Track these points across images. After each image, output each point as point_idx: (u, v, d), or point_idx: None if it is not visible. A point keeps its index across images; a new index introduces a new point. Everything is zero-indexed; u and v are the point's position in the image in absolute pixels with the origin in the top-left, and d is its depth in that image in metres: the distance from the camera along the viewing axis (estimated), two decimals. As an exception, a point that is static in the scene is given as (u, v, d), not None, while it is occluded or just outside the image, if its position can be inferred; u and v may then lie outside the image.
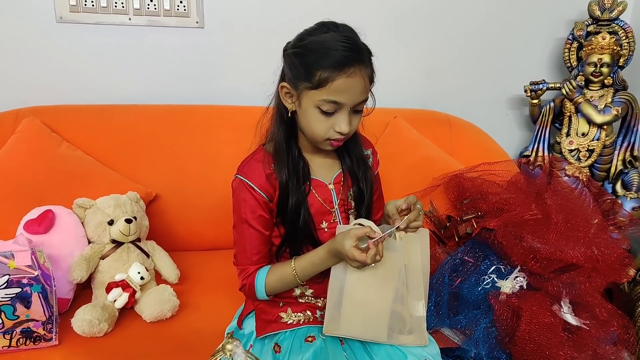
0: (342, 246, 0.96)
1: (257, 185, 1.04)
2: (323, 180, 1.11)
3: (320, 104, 0.97)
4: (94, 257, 1.36)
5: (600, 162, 2.03)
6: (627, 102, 1.98)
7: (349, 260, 0.97)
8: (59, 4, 1.71)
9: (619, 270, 1.34)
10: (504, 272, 1.31)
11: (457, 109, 2.05)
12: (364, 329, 1.05)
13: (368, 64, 0.99)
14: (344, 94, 0.96)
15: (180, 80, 1.88)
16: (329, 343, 1.06)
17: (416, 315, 1.05)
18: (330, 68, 0.94)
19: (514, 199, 1.40)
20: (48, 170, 1.49)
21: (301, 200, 1.06)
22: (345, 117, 0.98)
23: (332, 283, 1.04)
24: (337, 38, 0.96)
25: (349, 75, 0.95)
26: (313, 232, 1.09)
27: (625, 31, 1.97)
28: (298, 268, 1.05)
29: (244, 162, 1.10)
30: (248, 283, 1.08)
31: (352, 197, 1.13)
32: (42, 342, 1.18)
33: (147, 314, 1.28)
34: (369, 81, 1.00)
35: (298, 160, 1.07)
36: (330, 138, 1.02)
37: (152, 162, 1.65)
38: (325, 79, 0.95)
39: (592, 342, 1.20)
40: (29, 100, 1.71)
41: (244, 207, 1.05)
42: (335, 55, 0.94)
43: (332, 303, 1.03)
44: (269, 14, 1.89)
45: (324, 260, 1.03)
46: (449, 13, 2.05)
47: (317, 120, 1.00)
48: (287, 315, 1.11)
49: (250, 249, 1.07)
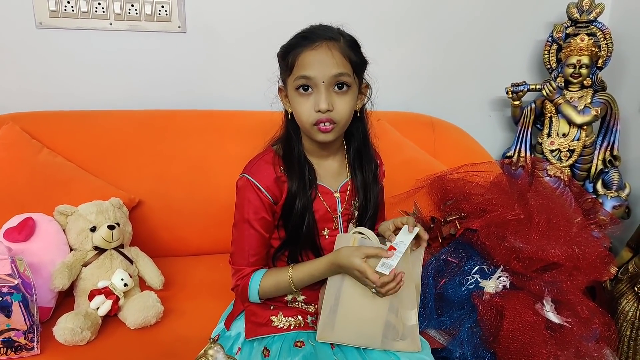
0: (350, 262, 0.96)
1: (264, 186, 1.04)
2: (330, 187, 1.10)
3: (295, 84, 1.00)
4: (76, 264, 1.34)
5: (580, 162, 2.06)
6: (606, 103, 2.01)
7: (357, 274, 0.97)
8: (39, 10, 1.70)
9: (600, 269, 1.36)
10: (488, 272, 1.33)
11: (440, 111, 2.07)
12: (358, 337, 1.05)
13: (339, 40, 1.00)
14: (311, 67, 0.98)
15: (163, 85, 1.87)
16: (318, 348, 1.06)
17: (409, 324, 1.05)
18: (298, 47, 0.99)
19: (497, 200, 1.41)
20: (28, 177, 1.47)
21: (307, 205, 1.06)
22: (321, 94, 0.98)
23: (328, 290, 1.04)
24: (309, 26, 1.03)
25: (314, 48, 0.98)
26: (315, 238, 1.08)
27: (604, 33, 2.00)
28: (295, 276, 1.05)
29: (252, 162, 1.09)
30: (242, 284, 1.07)
31: (355, 208, 1.13)
32: (24, 351, 1.16)
33: (131, 320, 1.27)
34: (343, 57, 0.99)
35: (303, 163, 1.07)
36: (316, 122, 1.00)
37: (135, 167, 1.64)
38: (294, 59, 0.99)
39: (575, 339, 1.22)
40: (9, 106, 1.68)
41: (248, 207, 1.05)
42: (301, 35, 1.01)
43: (327, 310, 1.04)
44: (251, 19, 1.89)
45: (323, 273, 1.04)
46: (431, 16, 2.07)
47: (298, 102, 1.01)
48: (278, 320, 1.11)
49: (248, 249, 1.07)
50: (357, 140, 1.12)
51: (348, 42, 1.01)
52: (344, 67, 0.99)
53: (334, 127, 1.01)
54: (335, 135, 1.03)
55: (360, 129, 1.11)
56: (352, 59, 1.01)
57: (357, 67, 1.02)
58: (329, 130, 1.01)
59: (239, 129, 1.72)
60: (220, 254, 1.63)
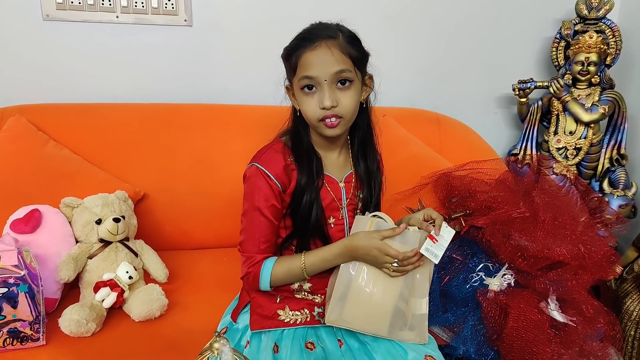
0: (369, 242, 1.01)
1: (273, 174, 1.07)
2: (335, 177, 1.14)
3: (300, 84, 1.04)
4: (81, 256, 1.35)
5: (587, 160, 2.05)
6: (613, 101, 2.00)
7: (375, 252, 1.01)
8: (46, 2, 1.70)
9: (606, 268, 1.35)
10: (492, 270, 1.32)
11: (445, 108, 2.06)
12: (365, 324, 1.06)
13: (338, 38, 1.02)
14: (312, 67, 1.01)
15: (169, 78, 1.87)
16: (328, 350, 1.07)
17: (419, 313, 1.06)
18: (300, 49, 1.03)
19: (502, 197, 1.41)
20: (35, 169, 1.47)
21: (315, 196, 1.09)
22: (325, 91, 1.01)
23: (340, 278, 1.05)
24: (309, 26, 1.06)
25: (314, 48, 1.01)
26: (324, 227, 1.11)
27: (612, 30, 1.99)
28: (308, 263, 1.07)
29: (262, 151, 1.12)
30: (253, 272, 1.08)
31: (359, 199, 1.16)
32: (30, 342, 1.17)
33: (136, 313, 1.27)
34: (343, 53, 1.02)
35: (312, 155, 1.10)
36: (322, 118, 1.03)
37: (140, 161, 1.64)
38: (297, 60, 1.03)
39: (579, 338, 1.21)
40: (15, 98, 1.69)
41: (258, 194, 1.07)
42: (301, 36, 1.05)
43: (337, 295, 1.05)
44: (257, 12, 1.88)
45: (336, 257, 1.06)
46: (437, 12, 2.06)
47: (304, 101, 1.05)
48: (284, 313, 1.12)
49: (259, 237, 1.08)
50: (362, 129, 1.16)
51: (347, 38, 1.04)
52: (344, 63, 1.02)
53: (340, 121, 1.04)
54: (342, 129, 1.07)
55: (364, 119, 1.15)
56: (352, 55, 1.03)
57: (358, 62, 1.05)
58: (335, 125, 1.04)
59: (243, 123, 1.72)
60: (224, 247, 1.64)
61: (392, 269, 1.03)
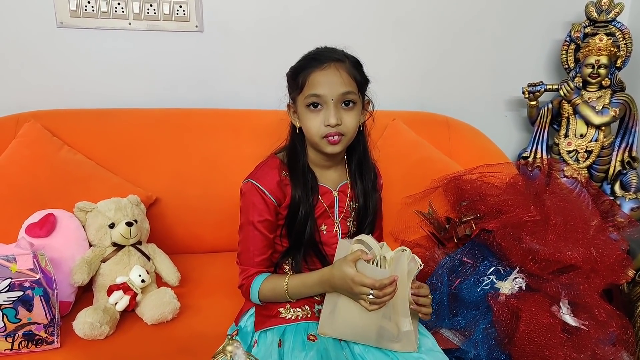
0: (343, 272, 1.01)
1: (268, 189, 1.11)
2: (329, 187, 1.18)
3: (306, 101, 1.08)
4: (95, 260, 1.37)
5: (598, 163, 2.04)
6: (624, 103, 1.99)
7: (350, 283, 1.01)
8: (60, 9, 1.73)
9: (618, 272, 1.35)
10: (503, 273, 1.32)
11: (455, 111, 2.06)
12: (354, 337, 1.10)
13: (345, 62, 1.08)
14: (321, 86, 1.06)
15: (180, 84, 1.89)
16: (329, 343, 1.08)
17: (404, 330, 1.07)
18: (308, 69, 1.08)
19: (513, 201, 1.40)
20: (49, 174, 1.49)
21: (309, 210, 1.13)
22: (331, 110, 1.06)
23: (328, 296, 1.09)
24: (315, 49, 1.12)
25: (323, 69, 1.06)
26: (318, 244, 1.15)
27: (622, 32, 1.98)
28: (290, 285, 1.11)
29: (257, 168, 1.17)
30: (246, 284, 1.14)
31: (352, 209, 1.20)
32: (44, 345, 1.18)
33: (148, 316, 1.29)
34: (350, 76, 1.08)
35: (307, 172, 1.14)
36: (325, 135, 1.08)
37: (153, 165, 1.66)
38: (305, 79, 1.08)
39: (591, 342, 1.21)
40: (30, 104, 1.71)
41: (253, 210, 1.12)
42: (309, 57, 1.10)
43: (327, 310, 1.09)
44: (267, 18, 1.90)
45: (315, 283, 1.09)
46: (446, 15, 2.06)
47: (309, 118, 1.09)
48: (286, 311, 1.15)
49: (253, 250, 1.13)
50: (358, 152, 1.20)
51: (353, 63, 1.10)
52: (350, 85, 1.08)
53: (341, 138, 1.09)
54: (343, 146, 1.11)
55: (361, 141, 1.19)
56: (357, 79, 1.09)
57: (361, 86, 1.11)
58: (337, 142, 1.09)
59: (254, 128, 1.73)
60: (236, 251, 1.65)
61: (369, 301, 1.02)
